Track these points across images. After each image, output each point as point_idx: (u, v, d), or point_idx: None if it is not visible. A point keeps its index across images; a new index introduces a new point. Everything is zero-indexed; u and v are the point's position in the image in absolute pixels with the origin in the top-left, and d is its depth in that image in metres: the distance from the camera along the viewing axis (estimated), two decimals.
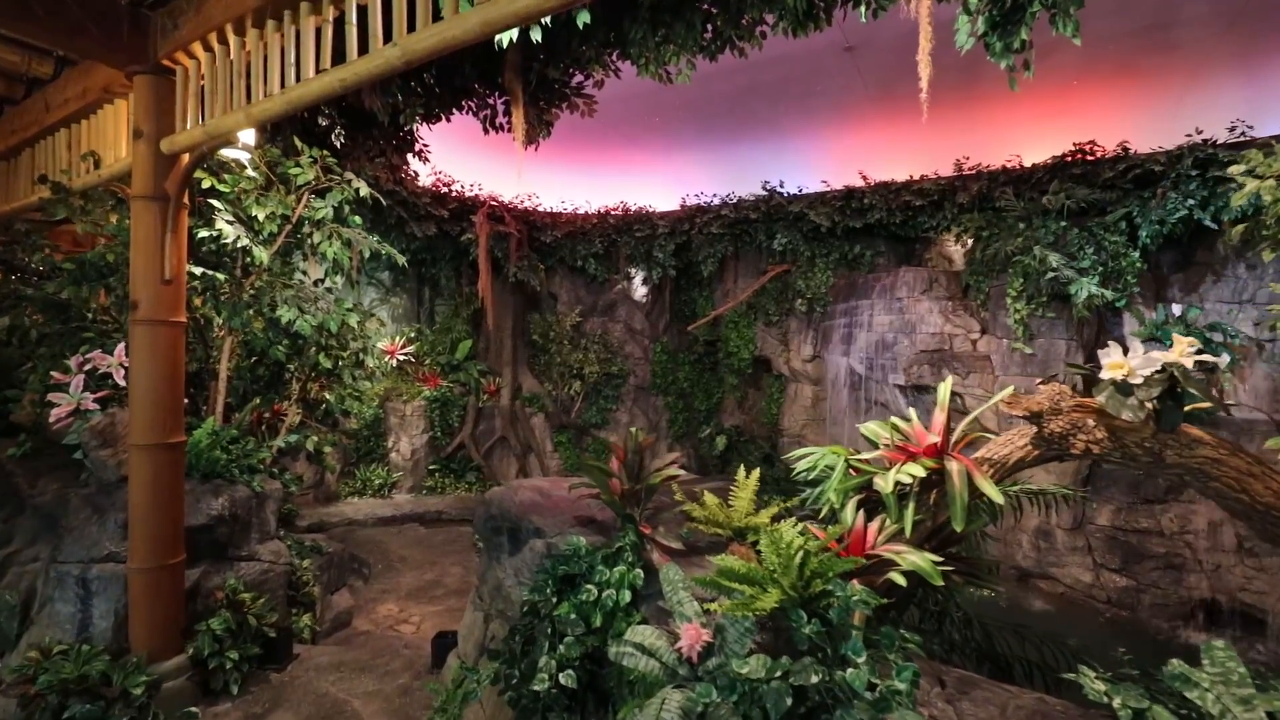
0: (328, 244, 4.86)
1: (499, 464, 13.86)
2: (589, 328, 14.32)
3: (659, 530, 3.16)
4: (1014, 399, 2.97)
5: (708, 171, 12.67)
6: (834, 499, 3.30)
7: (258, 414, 6.51)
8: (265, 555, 4.73)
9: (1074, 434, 2.86)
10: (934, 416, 3.39)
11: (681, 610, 2.81)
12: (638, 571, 3.05)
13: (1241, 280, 9.18)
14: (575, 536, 3.33)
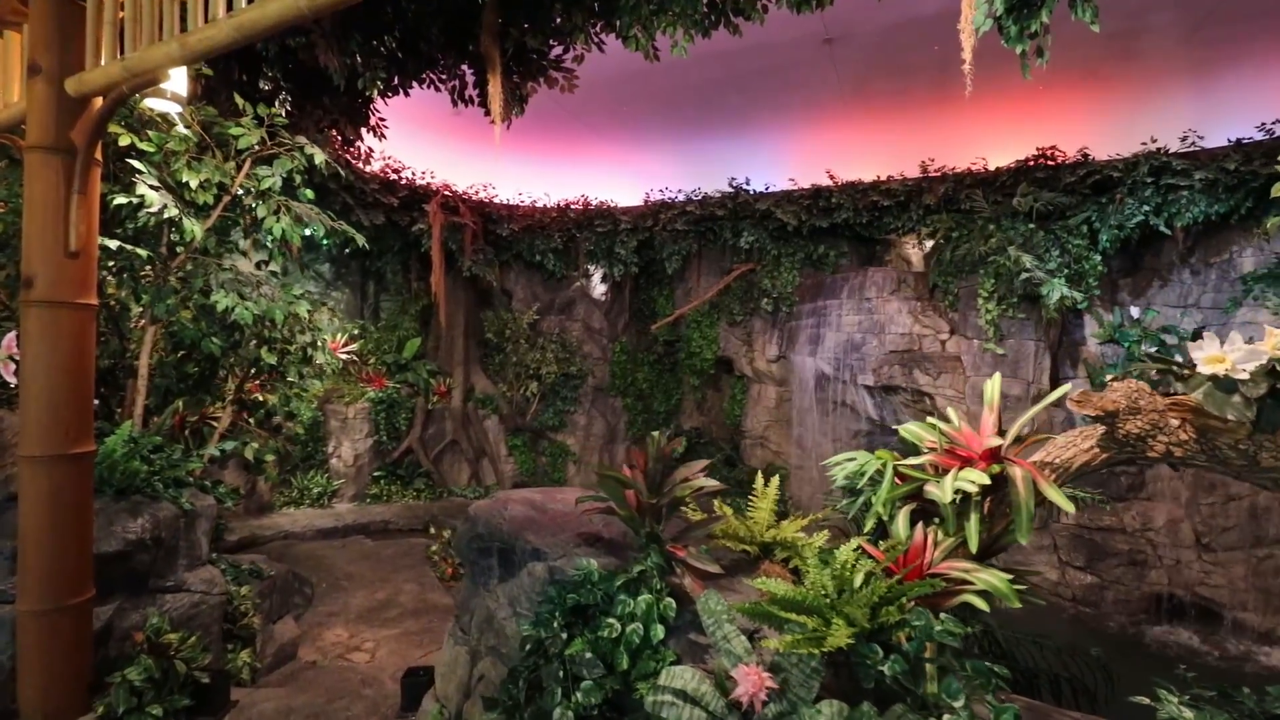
0: (274, 219, 4.16)
1: (450, 469, 13.08)
2: (546, 326, 13.73)
3: (691, 551, 2.71)
4: (1084, 397, 2.68)
5: (673, 166, 12.32)
6: (882, 510, 2.94)
7: (180, 417, 5.69)
8: (196, 584, 4.00)
9: (1153, 435, 2.60)
10: (983, 417, 3.08)
11: (728, 647, 2.38)
12: (668, 601, 2.60)
13: (1186, 285, 9.52)
14: (584, 559, 2.85)
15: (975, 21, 4.35)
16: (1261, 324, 8.71)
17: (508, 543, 3.14)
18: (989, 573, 2.56)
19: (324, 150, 4.58)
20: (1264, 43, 8.00)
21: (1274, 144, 8.31)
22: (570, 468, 13.77)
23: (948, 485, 2.76)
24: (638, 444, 13.75)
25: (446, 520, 11.20)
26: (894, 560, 2.71)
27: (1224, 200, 8.58)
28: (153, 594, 3.81)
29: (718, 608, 2.46)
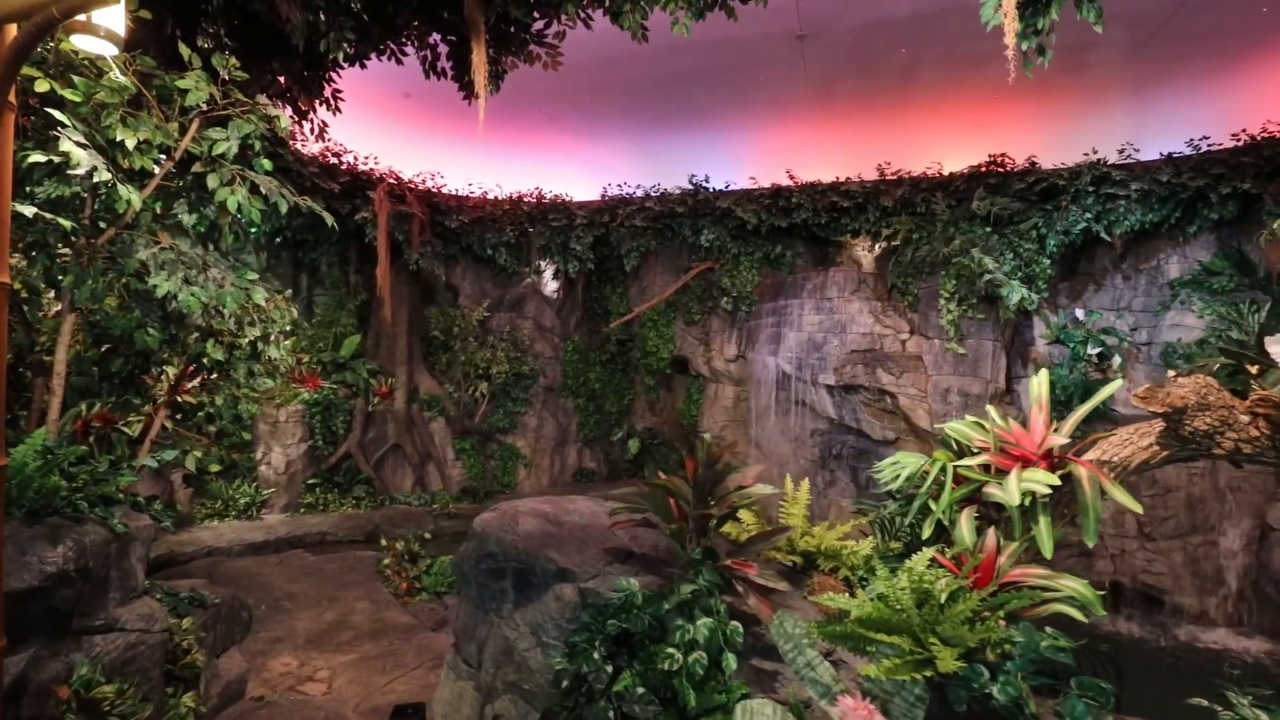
0: (228, 191, 3.54)
1: (392, 475, 12.28)
2: (495, 324, 13.14)
3: (758, 568, 2.43)
4: (1149, 393, 2.60)
5: (631, 161, 12.04)
6: (943, 514, 2.75)
7: (82, 422, 4.91)
8: (132, 621, 3.36)
9: (1221, 432, 2.53)
10: (1032, 416, 2.96)
11: (813, 675, 2.11)
12: (735, 625, 2.31)
13: (1119, 290, 10.09)
14: (622, 579, 2.52)
15: (984, 15, 4.28)
16: (1189, 326, 9.32)
17: (526, 562, 2.76)
18: (1072, 579, 2.42)
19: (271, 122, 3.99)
20: (1194, 64, 8.53)
21: (1201, 159, 8.89)
22: (520, 471, 13.24)
23: (1013, 487, 2.61)
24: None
25: (390, 530, 10.47)
26: (956, 565, 2.53)
27: (1157, 210, 9.13)
28: (79, 637, 3.16)
29: (795, 631, 2.19)
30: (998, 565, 2.57)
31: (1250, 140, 8.56)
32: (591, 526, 3.02)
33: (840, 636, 2.16)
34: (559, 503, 3.38)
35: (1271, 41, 7.84)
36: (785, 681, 2.21)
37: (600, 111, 10.52)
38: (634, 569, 2.72)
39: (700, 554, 2.54)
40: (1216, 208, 8.80)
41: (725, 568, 2.46)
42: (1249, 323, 8.81)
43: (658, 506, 2.60)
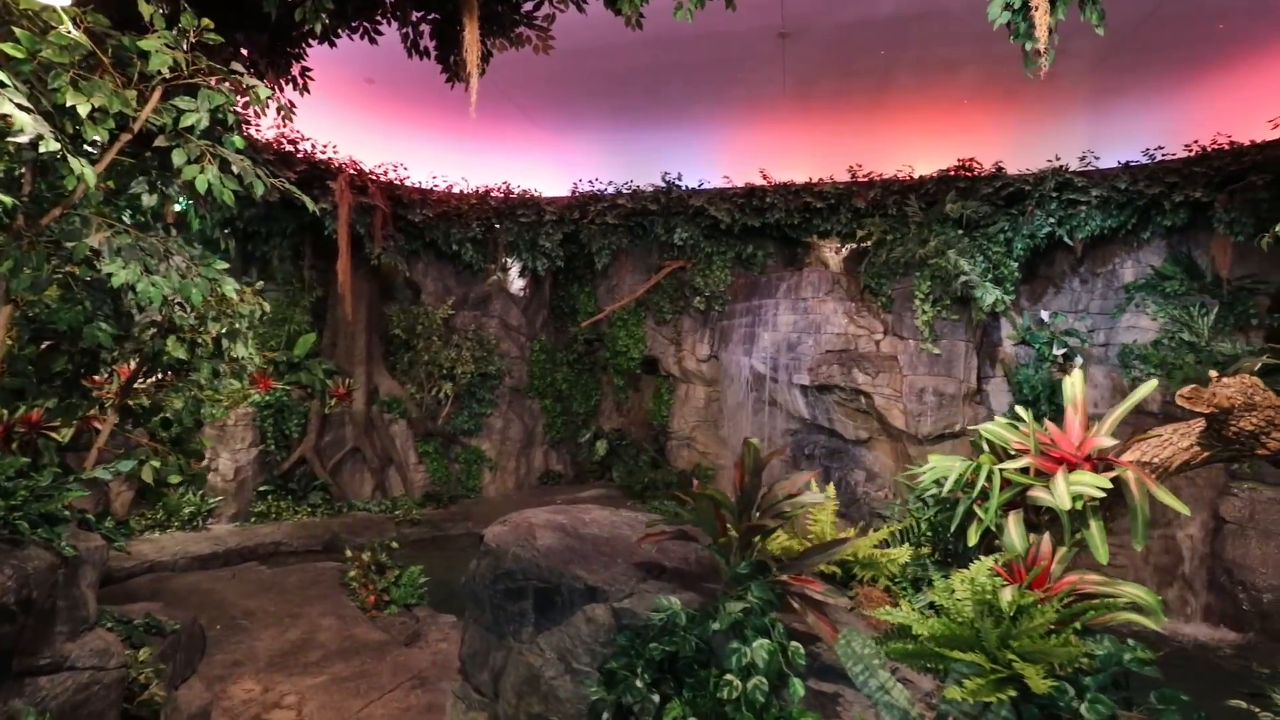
0: (196, 169, 3.13)
1: (351, 480, 11.69)
2: (460, 322, 12.69)
3: (810, 585, 2.25)
4: (1194, 393, 2.55)
5: (602, 156, 11.79)
6: (990, 520, 2.64)
7: (3, 427, 4.39)
8: (84, 658, 2.93)
9: (1267, 433, 2.50)
10: (1068, 417, 2.89)
11: (888, 699, 1.96)
12: (796, 646, 2.13)
13: (1077, 293, 10.44)
14: (662, 597, 2.31)
15: (991, 14, 4.25)
16: (1144, 328, 9.70)
17: (549, 581, 2.52)
18: (1131, 585, 2.34)
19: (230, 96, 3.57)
20: (1151, 77, 8.87)
21: (1156, 168, 9.25)
22: (485, 474, 12.83)
23: (1062, 490, 2.53)
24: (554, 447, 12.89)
25: (350, 538, 9.93)
26: (1007, 571, 2.42)
27: (1115, 216, 9.46)
28: (21, 679, 2.72)
29: (864, 651, 2.03)
30: (1050, 572, 2.49)
31: (1201, 151, 8.95)
32: (614, 539, 2.80)
33: (910, 655, 2.02)
34: (572, 513, 3.14)
35: (1223, 57, 8.21)
36: (847, 705, 2.05)
37: (573, 104, 10.25)
38: (670, 585, 2.52)
39: (747, 568, 2.35)
40: (1169, 214, 9.17)
41: (779, 583, 2.29)
42: (1199, 325, 9.22)
43: (703, 519, 2.41)
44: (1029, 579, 2.41)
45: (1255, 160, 8.39)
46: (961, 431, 8.99)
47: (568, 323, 14.18)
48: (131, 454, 3.86)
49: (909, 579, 2.64)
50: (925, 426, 8.79)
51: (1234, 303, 9.13)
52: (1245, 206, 8.47)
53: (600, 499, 13.11)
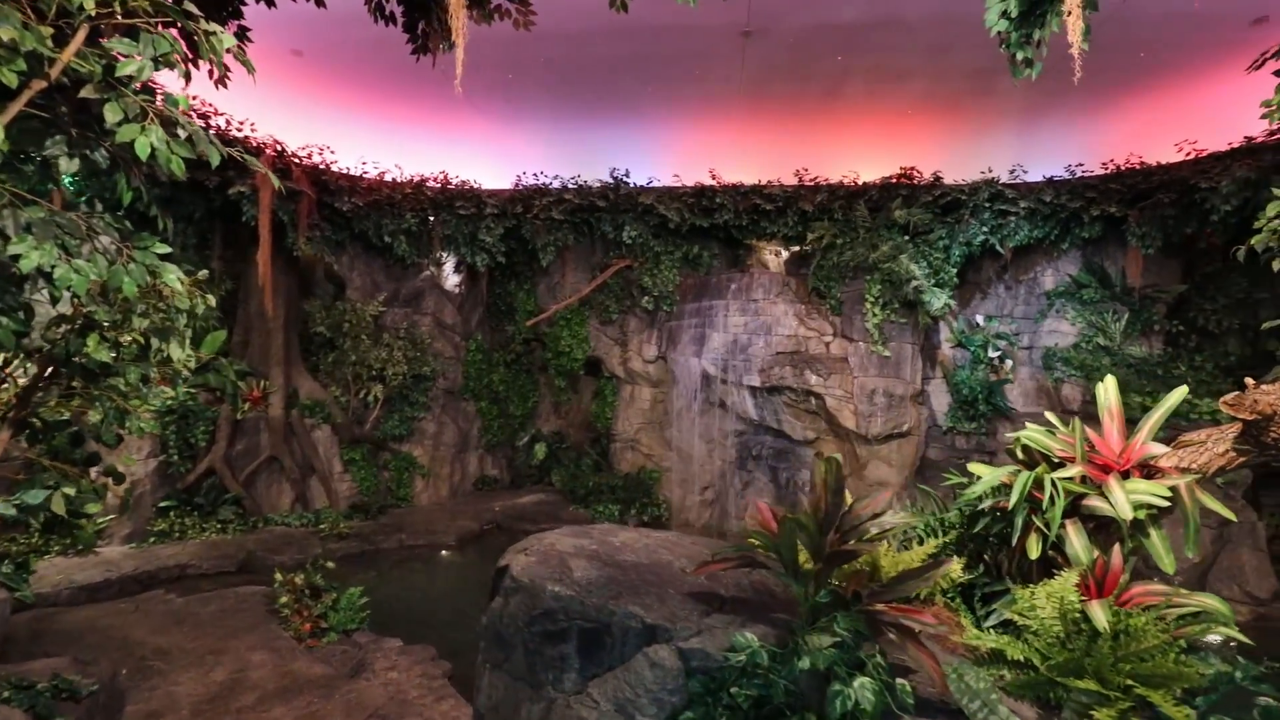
0: (135, 129, 2.52)
1: (267, 492, 10.64)
2: (390, 320, 11.87)
3: (911, 614, 2.05)
4: (1237, 400, 2.57)
5: (549, 149, 11.35)
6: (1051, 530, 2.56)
7: None
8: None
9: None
10: (1106, 424, 2.87)
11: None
12: (903, 684, 1.93)
13: (1002, 299, 11.06)
14: (738, 634, 2.05)
15: (988, 21, 4.27)
16: (1064, 332, 10.38)
17: (597, 619, 2.18)
18: (1204, 595, 2.31)
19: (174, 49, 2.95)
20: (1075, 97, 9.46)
21: (1077, 183, 9.92)
22: (418, 482, 12.07)
23: (1122, 499, 2.48)
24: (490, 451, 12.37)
25: (269, 557, 9.02)
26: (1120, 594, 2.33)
27: (1041, 227, 10.07)
28: None
29: (980, 685, 1.86)
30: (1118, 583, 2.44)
31: (1117, 169, 9.67)
32: (656, 566, 2.50)
33: (1029, 686, 1.87)
34: (598, 536, 2.80)
35: (1140, 83, 8.87)
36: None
37: (519, 92, 9.76)
38: (736, 619, 2.26)
39: (828, 597, 2.13)
40: (1087, 227, 9.86)
41: (871, 612, 2.08)
42: (1112, 330, 9.98)
43: (785, 542, 2.16)
44: (1118, 592, 2.34)
45: (1162, 180, 9.14)
46: (909, 431, 9.27)
47: (505, 321, 13.62)
48: (36, 479, 3.15)
49: (959, 593, 2.52)
50: (876, 427, 9.00)
51: (1141, 310, 9.95)
52: (1154, 222, 9.22)
53: (540, 504, 12.63)
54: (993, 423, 9.46)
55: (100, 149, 2.87)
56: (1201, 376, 9.07)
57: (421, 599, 8.22)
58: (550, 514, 11.72)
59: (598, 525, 3.07)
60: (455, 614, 7.75)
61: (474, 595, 8.41)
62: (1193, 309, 9.99)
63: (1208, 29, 7.56)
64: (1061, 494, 2.64)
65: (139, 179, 3.00)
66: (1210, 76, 8.38)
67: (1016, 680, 1.91)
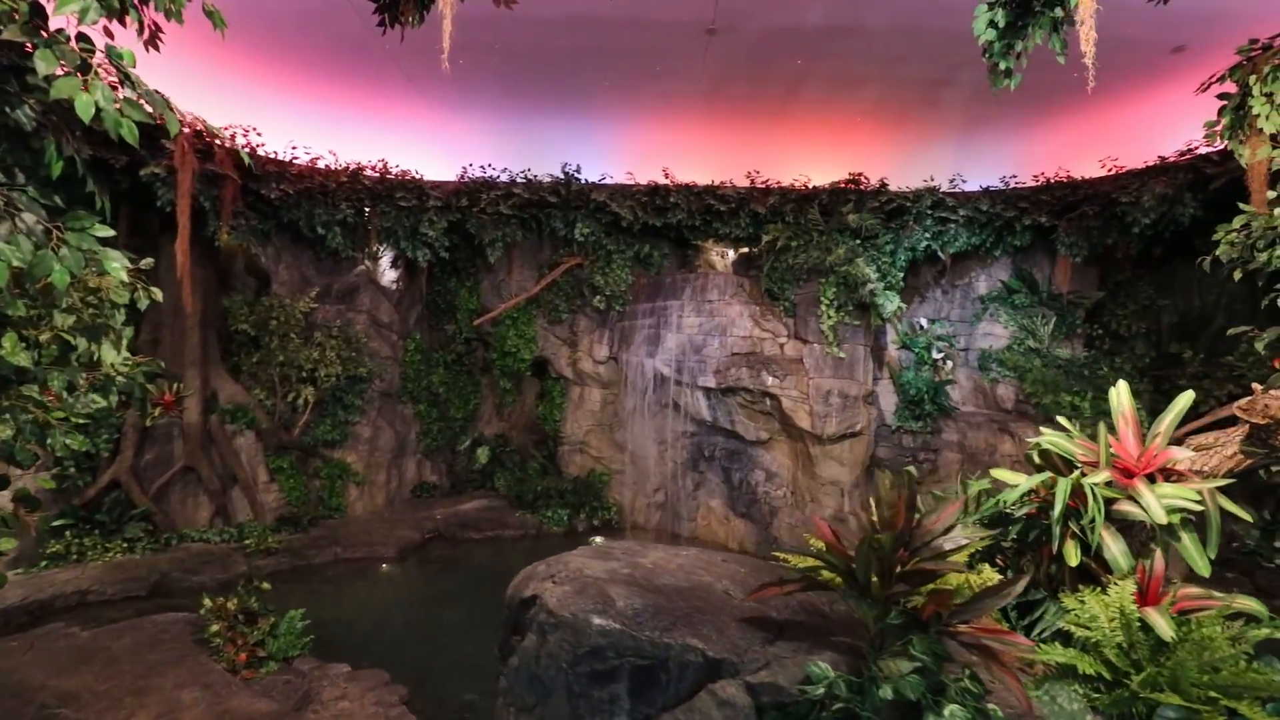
0: (75, 84, 2.02)
1: (182, 506, 9.67)
2: (322, 317, 11.06)
3: (997, 634, 1.94)
4: (1250, 405, 2.66)
5: (498, 141, 10.89)
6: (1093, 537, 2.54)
7: None
8: None
9: None
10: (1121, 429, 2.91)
11: None
12: (994, 709, 1.81)
13: (939, 302, 11.55)
14: (812, 664, 1.88)
15: (976, 30, 4.33)
16: (997, 335, 10.92)
17: (652, 654, 1.95)
18: (1243, 597, 2.35)
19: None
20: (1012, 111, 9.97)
21: (1011, 193, 10.46)
22: (351, 490, 11.33)
23: (1155, 504, 2.50)
24: (429, 456, 11.80)
25: (185, 578, 8.18)
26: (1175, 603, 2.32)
27: (978, 234, 10.55)
28: None
29: (1073, 707, 1.79)
30: None
31: (1047, 182, 10.26)
32: (699, 590, 2.29)
33: (1121, 703, 1.81)
34: (626, 558, 2.54)
35: (1067, 101, 9.40)
36: None
37: (469, 79, 9.29)
38: (799, 646, 2.09)
39: (900, 618, 2.00)
40: (1019, 235, 10.41)
41: (955, 634, 1.96)
42: (1041, 333, 10.59)
43: (861, 565, 2.00)
44: (1172, 599, 2.34)
45: (1087, 193, 9.77)
46: (861, 431, 9.47)
47: (445, 320, 13.02)
48: None
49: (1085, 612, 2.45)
50: (831, 427, 9.15)
51: (1065, 314, 10.61)
52: (1080, 232, 9.84)
53: (484, 510, 12.12)
54: (937, 422, 9.83)
55: (24, 107, 2.37)
56: (1122, 376, 9.74)
57: (365, 617, 7.66)
58: (496, 521, 11.28)
59: (619, 544, 2.83)
60: (404, 632, 7.26)
61: (421, 610, 7.91)
62: (1106, 314, 10.75)
63: (1132, 53, 8.08)
64: (1101, 500, 2.65)
65: (72, 146, 2.51)
66: (1132, 98, 9.00)
67: (1116, 698, 1.85)
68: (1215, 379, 9.19)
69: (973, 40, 7.41)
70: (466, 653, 6.67)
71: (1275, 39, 4.51)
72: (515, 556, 10.33)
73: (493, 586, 8.92)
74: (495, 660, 2.89)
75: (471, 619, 7.66)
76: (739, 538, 10.69)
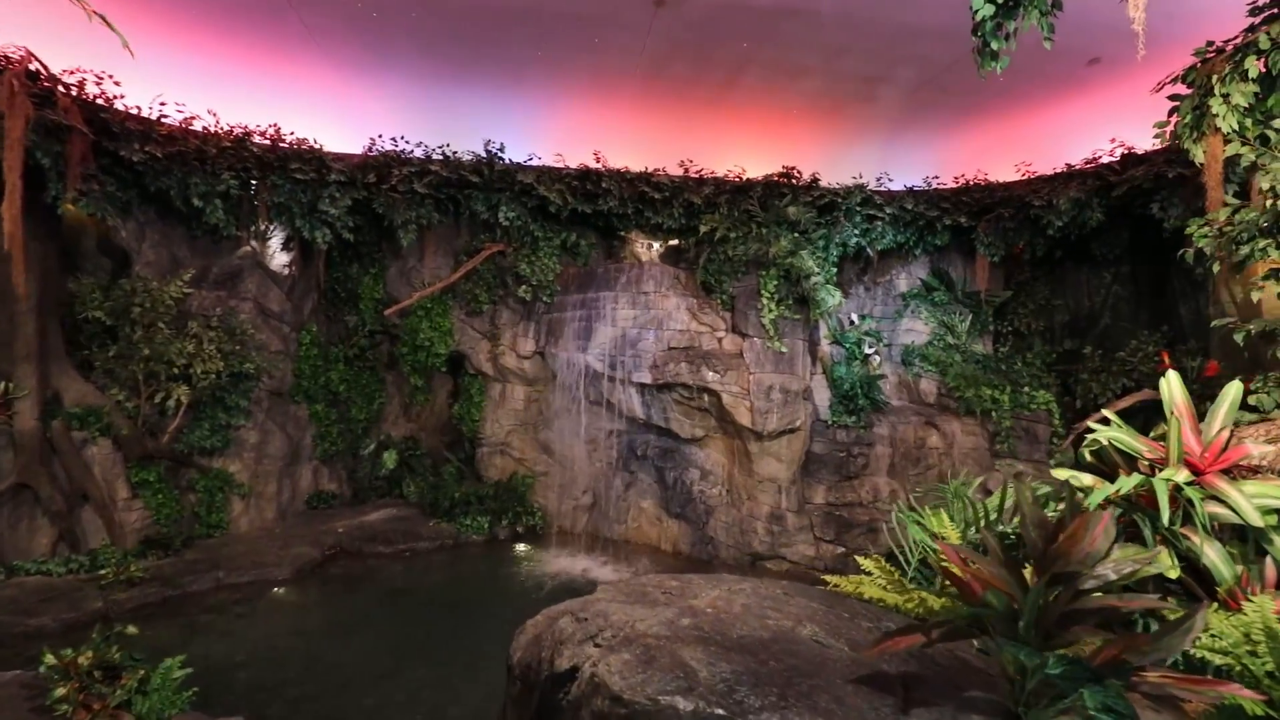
0: None
1: (13, 532, 7.98)
2: (198, 305, 9.55)
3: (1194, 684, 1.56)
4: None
5: (410, 112, 9.83)
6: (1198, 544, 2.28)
7: None
8: None
9: None
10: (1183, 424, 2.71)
11: None
12: None
13: (863, 299, 11.77)
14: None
15: (974, 4, 4.12)
16: (919, 331, 11.25)
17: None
18: None
19: None
20: (935, 114, 10.25)
21: (934, 194, 10.77)
22: (235, 504, 9.89)
23: (1246, 505, 2.29)
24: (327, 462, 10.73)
25: (19, 621, 6.65)
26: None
27: (903, 232, 10.79)
28: None
29: None
30: None
31: (967, 184, 10.64)
32: (784, 640, 1.77)
33: None
34: (678, 600, 1.94)
35: (990, 105, 9.78)
36: None
37: (382, 40, 8.26)
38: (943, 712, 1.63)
39: (1060, 666, 1.60)
40: (939, 235, 10.75)
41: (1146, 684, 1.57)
42: (959, 329, 11.01)
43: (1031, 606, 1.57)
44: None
45: (1003, 196, 10.22)
46: (800, 427, 9.37)
47: (346, 310, 11.73)
48: None
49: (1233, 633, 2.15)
50: (772, 423, 8.96)
51: (978, 312, 11.10)
52: (996, 233, 10.28)
53: (393, 520, 10.99)
54: (870, 416, 9.94)
55: None
56: (1033, 371, 10.31)
57: (260, 656, 6.54)
58: (407, 532, 10.28)
59: (649, 578, 2.24)
60: (307, 673, 6.23)
61: (327, 642, 6.86)
62: (1010, 313, 11.38)
63: (1051, 61, 8.44)
64: (1199, 503, 2.42)
65: None
66: (1047, 106, 9.47)
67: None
68: (1111, 373, 9.90)
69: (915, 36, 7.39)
70: (388, 697, 5.81)
71: (1229, 43, 4.65)
72: (432, 571, 9.37)
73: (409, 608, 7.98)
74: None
75: (389, 649, 6.74)
76: (673, 539, 10.33)
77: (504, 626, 7.19)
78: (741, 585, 2.10)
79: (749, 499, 9.67)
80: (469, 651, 6.60)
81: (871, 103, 9.58)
